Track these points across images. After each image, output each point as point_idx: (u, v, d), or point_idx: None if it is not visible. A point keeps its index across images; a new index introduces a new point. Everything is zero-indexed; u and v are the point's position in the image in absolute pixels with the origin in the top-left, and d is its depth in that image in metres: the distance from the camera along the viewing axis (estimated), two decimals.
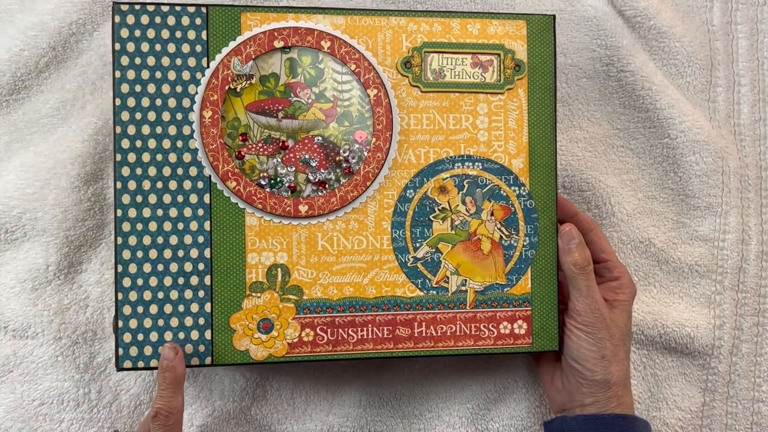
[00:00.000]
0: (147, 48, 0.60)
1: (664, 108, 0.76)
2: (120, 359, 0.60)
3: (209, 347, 0.62)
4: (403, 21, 0.64)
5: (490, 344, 0.65)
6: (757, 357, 0.78)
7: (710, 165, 0.76)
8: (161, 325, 0.61)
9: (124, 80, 0.60)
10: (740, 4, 0.80)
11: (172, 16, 0.61)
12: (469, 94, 0.65)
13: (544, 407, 0.74)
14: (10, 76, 0.70)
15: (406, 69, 0.64)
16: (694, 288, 0.78)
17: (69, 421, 0.69)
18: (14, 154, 0.71)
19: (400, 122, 0.64)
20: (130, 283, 0.60)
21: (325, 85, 0.63)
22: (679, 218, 0.78)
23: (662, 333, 0.76)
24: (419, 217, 0.64)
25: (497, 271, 0.65)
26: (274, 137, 0.62)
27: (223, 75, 0.61)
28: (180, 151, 0.61)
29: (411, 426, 0.74)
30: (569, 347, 0.65)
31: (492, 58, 0.65)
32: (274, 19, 0.62)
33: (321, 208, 0.63)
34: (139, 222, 0.61)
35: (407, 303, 0.64)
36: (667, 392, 0.77)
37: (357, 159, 0.63)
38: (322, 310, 0.63)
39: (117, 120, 0.60)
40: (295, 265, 0.63)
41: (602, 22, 0.76)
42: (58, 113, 0.72)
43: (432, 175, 0.64)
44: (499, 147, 0.65)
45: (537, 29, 0.65)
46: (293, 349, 0.63)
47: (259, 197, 0.62)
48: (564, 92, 0.77)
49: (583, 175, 0.77)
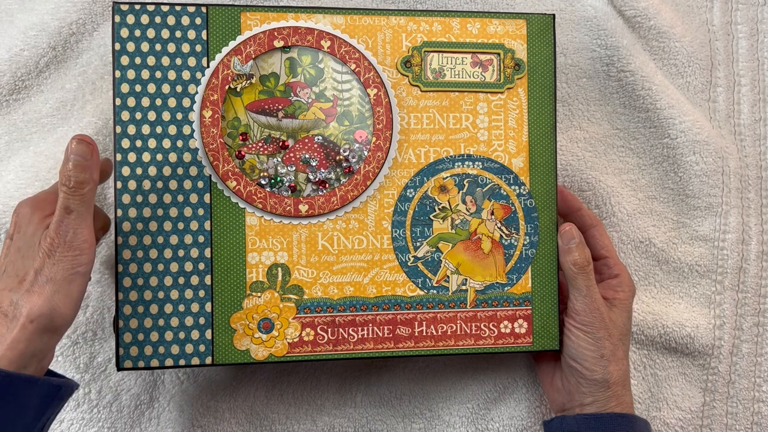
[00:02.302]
0: (147, 48, 0.60)
1: (664, 108, 0.76)
2: (120, 359, 0.60)
3: (209, 347, 0.61)
4: (402, 20, 0.64)
5: (490, 343, 0.65)
6: (757, 357, 0.78)
7: (710, 165, 0.76)
8: (162, 324, 0.61)
9: (124, 80, 0.60)
10: (740, 4, 0.80)
11: (172, 15, 0.61)
12: (469, 94, 0.65)
13: (544, 407, 0.74)
14: (10, 76, 0.70)
15: (406, 68, 0.64)
16: (695, 288, 0.78)
17: (69, 421, 0.69)
18: (14, 154, 0.71)
19: (400, 122, 0.64)
20: (131, 282, 0.60)
21: (325, 85, 0.63)
22: (679, 218, 0.78)
23: (662, 333, 0.76)
24: (419, 216, 0.64)
25: (497, 271, 0.65)
26: (274, 137, 0.62)
27: (223, 74, 0.61)
28: (180, 150, 0.61)
29: (411, 426, 0.74)
30: (568, 347, 0.65)
31: (492, 57, 0.65)
32: (273, 19, 0.62)
33: (321, 208, 0.63)
34: (139, 222, 0.61)
35: (408, 302, 0.64)
36: (667, 392, 0.77)
37: (357, 158, 0.63)
38: (322, 309, 0.63)
39: (117, 120, 0.60)
40: (295, 265, 0.63)
41: (602, 22, 0.76)
42: (58, 113, 0.72)
43: (432, 175, 0.65)
44: (499, 146, 0.65)
45: (537, 28, 0.65)
46: (294, 349, 0.63)
47: (259, 197, 0.62)
48: (564, 92, 0.77)
49: (583, 175, 0.77)
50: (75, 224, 0.53)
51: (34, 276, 0.52)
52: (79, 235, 0.54)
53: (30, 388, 0.51)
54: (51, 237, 0.53)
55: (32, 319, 0.51)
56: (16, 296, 0.52)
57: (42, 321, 0.51)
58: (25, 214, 0.56)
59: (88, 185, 0.54)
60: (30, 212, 0.56)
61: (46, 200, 0.57)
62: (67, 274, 0.53)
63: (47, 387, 0.52)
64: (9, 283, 0.53)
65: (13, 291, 0.52)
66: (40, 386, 0.52)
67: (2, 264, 0.55)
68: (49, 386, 0.52)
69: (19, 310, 0.51)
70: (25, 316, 0.51)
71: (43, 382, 0.52)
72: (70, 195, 0.53)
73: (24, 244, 0.54)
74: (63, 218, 0.53)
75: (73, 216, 0.53)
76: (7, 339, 0.51)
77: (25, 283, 0.52)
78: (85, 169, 0.54)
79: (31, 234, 0.54)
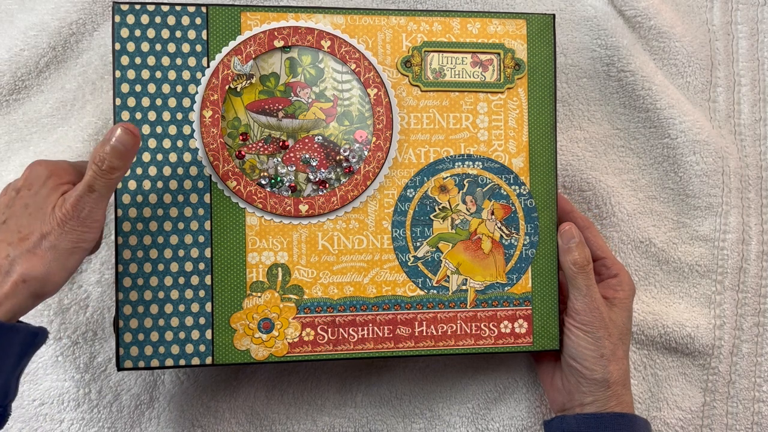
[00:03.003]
0: (147, 48, 0.60)
1: (664, 108, 0.76)
2: (121, 359, 0.60)
3: (210, 347, 0.61)
4: (403, 20, 0.64)
5: (490, 343, 0.65)
6: (757, 357, 0.78)
7: (710, 165, 0.76)
8: (162, 324, 0.61)
9: (124, 80, 0.60)
10: (740, 4, 0.80)
11: (172, 15, 0.61)
12: (469, 94, 0.65)
13: (544, 407, 0.74)
14: (10, 76, 0.70)
15: (406, 68, 0.64)
16: (695, 288, 0.78)
17: (69, 421, 0.69)
18: (14, 154, 0.71)
19: (400, 121, 0.64)
20: (131, 282, 0.60)
21: (325, 85, 0.63)
22: (679, 218, 0.78)
23: (662, 333, 0.76)
24: (419, 216, 0.64)
25: (498, 271, 0.65)
26: (274, 137, 0.62)
27: (224, 74, 0.61)
28: (180, 150, 0.61)
29: (411, 425, 0.74)
30: (568, 346, 0.65)
31: (492, 57, 0.65)
32: (274, 19, 0.62)
33: (321, 208, 0.63)
34: (139, 222, 0.61)
35: (408, 302, 0.64)
36: (667, 392, 0.77)
37: (357, 158, 0.63)
38: (322, 309, 0.63)
39: (117, 120, 0.60)
40: (295, 265, 0.63)
41: (602, 22, 0.76)
42: (58, 113, 0.72)
43: (432, 175, 0.65)
44: (500, 146, 0.65)
45: (537, 28, 0.65)
46: (294, 349, 0.63)
47: (259, 197, 0.62)
48: (564, 92, 0.77)
49: (583, 175, 0.77)
50: (93, 203, 0.54)
51: (39, 239, 0.53)
52: (94, 214, 0.54)
53: (14, 335, 0.52)
54: (67, 209, 0.54)
55: (25, 280, 0.52)
56: (14, 252, 0.53)
57: (34, 284, 0.52)
58: (40, 175, 0.56)
59: (119, 172, 0.55)
60: (46, 174, 0.56)
61: (64, 169, 0.58)
62: (70, 246, 0.54)
63: (27, 334, 0.53)
64: (8, 236, 0.54)
65: (12, 246, 0.53)
66: (21, 333, 0.53)
67: (3, 213, 0.56)
68: (28, 333, 0.53)
69: (14, 267, 0.52)
70: (19, 275, 0.52)
71: (24, 329, 0.53)
72: (99, 176, 0.54)
73: (33, 203, 0.55)
74: (84, 195, 0.54)
75: (94, 195, 0.54)
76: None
77: (27, 243, 0.53)
78: (122, 157, 0.54)
79: (44, 196, 0.55)
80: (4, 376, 0.52)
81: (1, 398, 0.52)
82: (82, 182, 0.54)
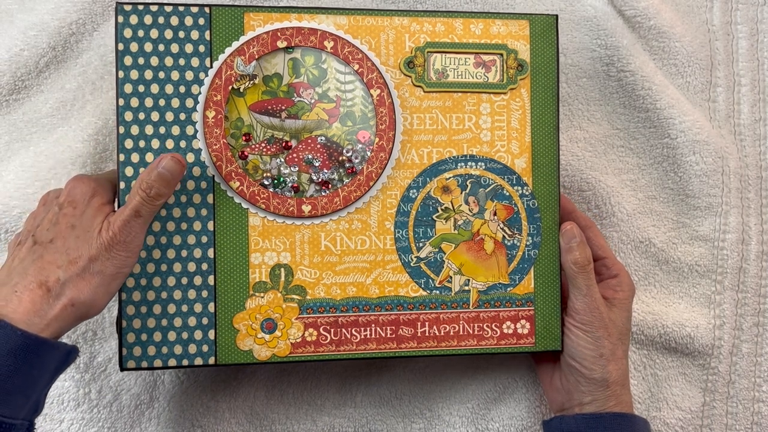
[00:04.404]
0: (150, 48, 0.60)
1: (664, 108, 0.76)
2: (123, 359, 0.60)
3: (212, 347, 0.61)
4: (405, 21, 0.64)
5: (493, 344, 0.65)
6: (757, 357, 0.78)
7: (710, 165, 0.77)
8: (165, 324, 0.61)
9: (127, 80, 0.60)
10: (740, 4, 0.81)
11: (175, 16, 0.61)
12: (472, 94, 0.65)
13: (544, 407, 0.74)
14: (10, 76, 0.70)
15: (409, 69, 0.64)
16: (694, 288, 0.78)
17: (69, 421, 0.69)
18: (14, 154, 0.71)
19: (403, 122, 0.64)
20: (134, 282, 0.60)
21: (328, 85, 0.63)
22: (679, 218, 0.78)
23: (662, 333, 0.76)
24: (422, 216, 0.64)
25: (500, 271, 0.65)
26: (277, 137, 0.62)
27: (227, 75, 0.61)
28: (183, 151, 0.61)
29: (411, 426, 0.74)
30: (568, 346, 0.65)
31: (495, 58, 0.65)
32: (277, 19, 0.62)
33: (324, 208, 0.63)
34: None
35: (410, 303, 0.64)
36: (667, 392, 0.77)
37: (360, 159, 0.63)
38: (325, 310, 0.63)
39: (120, 120, 0.60)
40: (298, 265, 0.63)
41: (602, 22, 0.76)
42: (58, 113, 0.71)
43: (435, 175, 0.65)
44: (502, 147, 0.65)
45: (540, 29, 0.66)
46: (296, 349, 0.63)
47: (262, 197, 0.62)
48: (564, 92, 0.77)
49: (583, 175, 0.77)
50: (138, 228, 0.56)
51: (88, 263, 0.54)
52: (137, 239, 0.56)
53: (54, 353, 0.53)
54: (114, 232, 0.55)
55: (74, 303, 0.53)
56: (64, 275, 0.54)
57: (81, 308, 0.54)
58: (84, 193, 0.57)
59: (163, 198, 0.57)
60: (90, 193, 0.57)
61: (105, 188, 0.59)
62: (115, 271, 0.55)
63: (65, 352, 0.55)
64: (58, 258, 0.54)
65: (63, 269, 0.54)
66: (60, 351, 0.54)
67: (49, 231, 0.56)
68: (66, 351, 0.55)
69: (64, 291, 0.53)
70: (69, 299, 0.53)
71: (63, 348, 0.54)
72: (146, 202, 0.56)
73: (79, 224, 0.56)
74: (131, 220, 0.56)
75: (140, 221, 0.56)
76: (48, 315, 0.53)
77: (76, 267, 0.54)
78: (168, 185, 0.57)
79: (90, 217, 0.56)
80: (38, 391, 0.53)
81: (31, 413, 0.54)
82: (128, 207, 0.56)
